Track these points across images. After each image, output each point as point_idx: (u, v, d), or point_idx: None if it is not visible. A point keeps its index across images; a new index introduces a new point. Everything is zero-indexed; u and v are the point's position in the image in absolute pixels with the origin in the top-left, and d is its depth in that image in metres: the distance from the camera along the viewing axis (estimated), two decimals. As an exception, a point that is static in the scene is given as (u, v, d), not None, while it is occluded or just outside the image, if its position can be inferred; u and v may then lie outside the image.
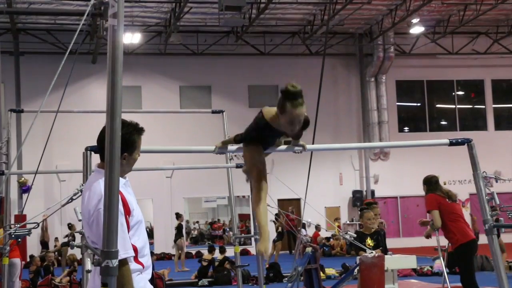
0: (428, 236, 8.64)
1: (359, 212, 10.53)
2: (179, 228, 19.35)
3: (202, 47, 24.02)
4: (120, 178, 3.27)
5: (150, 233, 23.00)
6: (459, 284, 7.97)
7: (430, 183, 8.23)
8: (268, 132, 4.24)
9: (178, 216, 19.61)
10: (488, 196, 5.07)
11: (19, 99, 22.29)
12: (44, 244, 21.25)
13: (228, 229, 26.46)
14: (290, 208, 20.64)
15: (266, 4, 19.94)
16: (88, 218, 3.51)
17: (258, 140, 4.35)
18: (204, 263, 15.84)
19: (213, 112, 9.37)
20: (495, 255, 5.02)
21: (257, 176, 4.26)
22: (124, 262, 3.37)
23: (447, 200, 8.00)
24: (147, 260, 3.68)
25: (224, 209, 28.95)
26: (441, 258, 8.25)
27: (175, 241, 19.32)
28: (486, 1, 21.32)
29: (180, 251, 18.69)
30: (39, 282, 14.47)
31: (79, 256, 14.11)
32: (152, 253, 11.67)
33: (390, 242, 20.85)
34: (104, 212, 3.04)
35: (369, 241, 8.28)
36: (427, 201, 8.13)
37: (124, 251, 3.36)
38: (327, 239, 22.64)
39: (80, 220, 3.90)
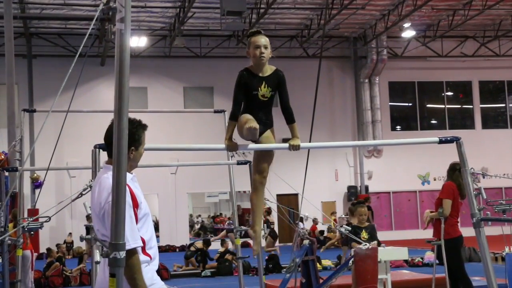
0: (427, 224, 8.19)
1: (351, 206, 10.49)
2: None
3: (205, 50, 24.02)
4: (128, 174, 3.28)
5: (156, 227, 23.00)
6: (443, 275, 7.91)
7: (449, 169, 7.79)
8: (251, 82, 4.67)
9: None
10: (475, 191, 5.07)
11: (32, 100, 22.28)
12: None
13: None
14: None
15: (266, 9, 19.94)
16: (99, 211, 3.51)
17: (248, 106, 4.70)
18: (193, 248, 15.97)
19: (215, 111, 9.36)
20: (482, 247, 5.02)
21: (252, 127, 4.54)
22: (133, 252, 3.37)
23: (460, 198, 7.66)
24: (154, 251, 3.68)
25: (225, 204, 28.99)
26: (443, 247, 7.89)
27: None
28: (473, 6, 21.32)
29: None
30: (51, 273, 14.47)
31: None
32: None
33: (383, 235, 20.91)
34: (112, 206, 3.04)
35: (364, 234, 8.35)
36: (443, 188, 7.77)
37: (133, 241, 3.37)
38: (321, 232, 22.60)
39: (89, 214, 3.90)
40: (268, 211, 22.52)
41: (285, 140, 4.90)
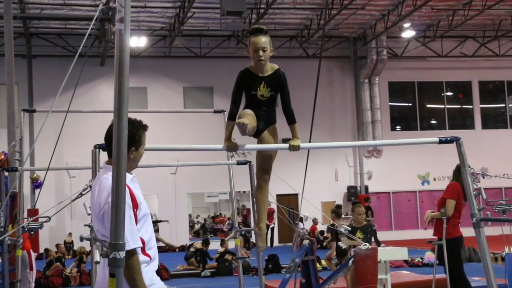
0: (429, 223, 8.04)
1: (352, 206, 10.59)
2: None
3: (205, 50, 24.02)
4: (127, 174, 3.27)
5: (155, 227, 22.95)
6: (444, 276, 7.93)
7: (455, 170, 7.74)
8: (250, 82, 4.67)
9: None
10: (475, 191, 5.07)
11: (32, 100, 22.28)
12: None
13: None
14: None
15: (265, 9, 19.94)
16: (98, 212, 3.51)
17: (248, 105, 4.70)
18: (193, 249, 16.02)
19: (215, 112, 9.37)
20: (482, 247, 5.02)
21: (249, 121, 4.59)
22: (133, 252, 3.37)
23: (463, 199, 7.62)
24: (154, 252, 3.68)
25: (225, 204, 28.99)
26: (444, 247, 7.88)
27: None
28: (473, 6, 21.33)
29: None
30: (51, 273, 14.47)
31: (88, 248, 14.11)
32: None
33: (383, 235, 20.89)
34: (111, 207, 3.04)
35: (358, 234, 8.53)
36: (448, 188, 7.76)
37: (133, 241, 3.36)
38: (321, 232, 22.59)
39: (89, 214, 3.90)
40: None
41: (285, 140, 4.90)
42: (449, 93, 27.05)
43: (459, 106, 27.20)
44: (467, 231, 8.42)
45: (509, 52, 25.86)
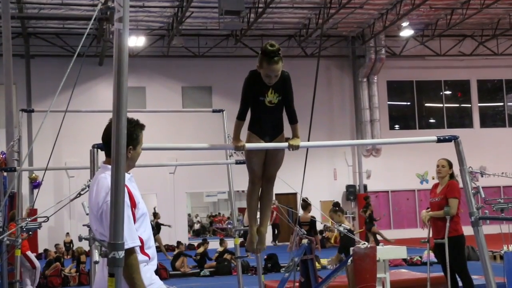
0: (428, 223, 8.01)
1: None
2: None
3: (203, 49, 24.01)
4: (125, 174, 3.27)
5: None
6: (441, 274, 7.92)
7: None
8: (258, 85, 4.60)
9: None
10: (474, 190, 5.08)
11: (30, 100, 22.26)
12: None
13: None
14: None
15: (264, 9, 19.93)
16: (97, 211, 3.51)
17: (255, 112, 4.68)
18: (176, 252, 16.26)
19: (213, 111, 9.38)
20: (481, 245, 5.02)
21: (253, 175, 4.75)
22: (131, 251, 3.37)
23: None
24: (152, 251, 3.68)
25: (224, 203, 29.01)
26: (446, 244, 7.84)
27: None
28: (471, 5, 21.34)
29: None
30: (50, 272, 14.47)
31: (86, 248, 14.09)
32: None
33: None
34: (110, 206, 3.04)
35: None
36: (454, 187, 7.69)
37: (131, 240, 3.36)
38: (320, 232, 22.59)
39: (88, 214, 3.90)
40: None
41: (286, 139, 4.91)
42: (448, 92, 27.07)
43: (457, 105, 27.22)
44: (465, 230, 8.43)
45: (507, 51, 25.88)
